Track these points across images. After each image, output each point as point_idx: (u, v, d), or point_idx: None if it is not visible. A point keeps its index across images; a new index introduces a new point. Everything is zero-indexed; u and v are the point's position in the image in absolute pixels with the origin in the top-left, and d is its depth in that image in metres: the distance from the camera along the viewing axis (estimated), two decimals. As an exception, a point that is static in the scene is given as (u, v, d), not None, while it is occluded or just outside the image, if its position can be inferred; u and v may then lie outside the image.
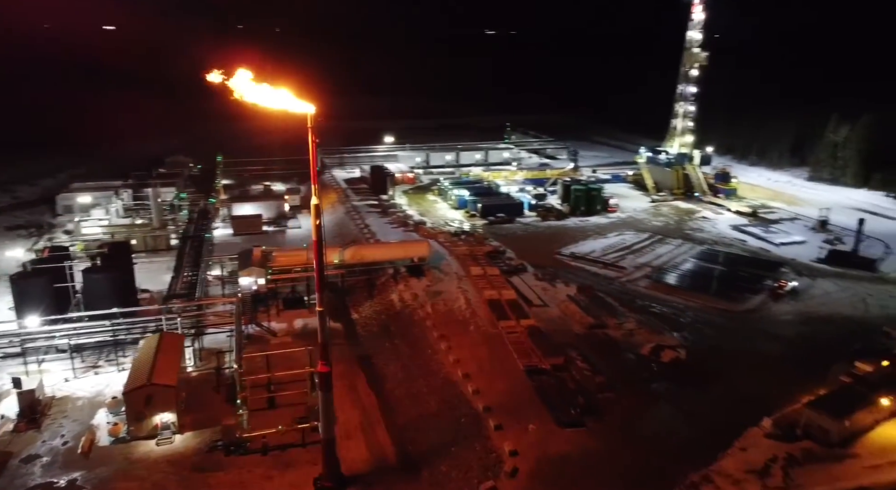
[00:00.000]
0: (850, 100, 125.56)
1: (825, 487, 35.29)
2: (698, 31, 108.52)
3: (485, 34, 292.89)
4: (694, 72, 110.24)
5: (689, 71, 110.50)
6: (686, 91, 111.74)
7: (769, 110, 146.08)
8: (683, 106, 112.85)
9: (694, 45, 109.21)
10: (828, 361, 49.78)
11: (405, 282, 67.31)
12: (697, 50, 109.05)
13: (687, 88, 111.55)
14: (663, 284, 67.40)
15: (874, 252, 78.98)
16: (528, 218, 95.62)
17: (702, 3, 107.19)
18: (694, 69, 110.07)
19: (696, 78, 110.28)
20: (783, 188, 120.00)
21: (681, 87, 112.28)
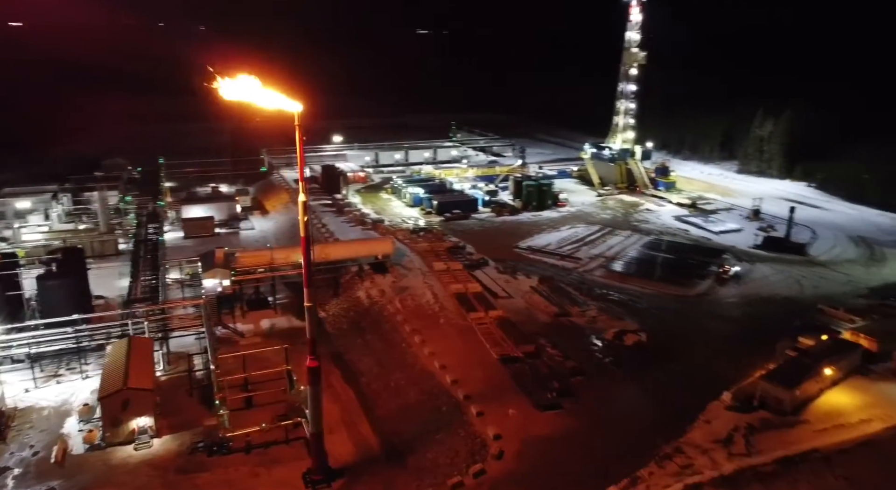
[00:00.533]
0: (774, 97, 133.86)
1: (782, 452, 38.42)
2: (636, 32, 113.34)
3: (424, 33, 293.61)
4: (633, 71, 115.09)
5: (629, 70, 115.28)
6: (626, 89, 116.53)
7: (700, 107, 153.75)
8: (624, 103, 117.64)
9: (633, 45, 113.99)
10: (773, 338, 53.99)
11: (371, 279, 68.00)
12: (636, 50, 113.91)
13: (627, 87, 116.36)
14: (618, 273, 70.72)
15: (803, 238, 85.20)
16: (482, 214, 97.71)
17: (639, 5, 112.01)
18: (633, 68, 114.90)
19: (636, 76, 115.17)
20: (716, 180, 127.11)
21: (621, 86, 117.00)
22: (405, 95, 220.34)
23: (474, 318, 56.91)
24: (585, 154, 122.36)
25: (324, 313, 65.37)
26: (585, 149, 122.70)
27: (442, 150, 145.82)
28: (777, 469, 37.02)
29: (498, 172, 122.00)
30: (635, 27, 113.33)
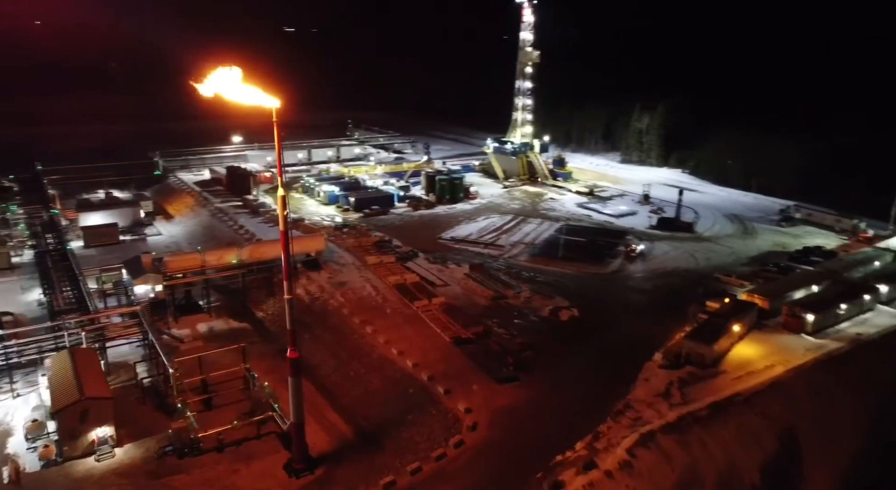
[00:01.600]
0: (650, 92, 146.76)
1: (711, 398, 44.51)
2: (529, 32, 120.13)
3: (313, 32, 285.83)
4: (528, 69, 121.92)
5: (525, 68, 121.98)
6: (523, 86, 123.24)
7: (583, 103, 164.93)
8: (522, 100, 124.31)
9: (527, 45, 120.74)
10: (682, 304, 61.56)
11: (306, 276, 68.31)
12: (530, 49, 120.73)
13: (524, 84, 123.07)
14: (540, 257, 75.92)
15: (689, 218, 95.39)
16: (399, 209, 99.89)
17: (531, 7, 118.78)
18: (528, 67, 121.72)
19: (531, 74, 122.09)
20: (604, 170, 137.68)
21: (518, 83, 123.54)
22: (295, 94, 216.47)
23: (419, 306, 59.38)
24: (488, 149, 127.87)
25: (262, 313, 65.05)
26: (488, 143, 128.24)
27: (345, 149, 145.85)
28: (710, 413, 42.96)
29: (406, 169, 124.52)
30: (528, 27, 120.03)
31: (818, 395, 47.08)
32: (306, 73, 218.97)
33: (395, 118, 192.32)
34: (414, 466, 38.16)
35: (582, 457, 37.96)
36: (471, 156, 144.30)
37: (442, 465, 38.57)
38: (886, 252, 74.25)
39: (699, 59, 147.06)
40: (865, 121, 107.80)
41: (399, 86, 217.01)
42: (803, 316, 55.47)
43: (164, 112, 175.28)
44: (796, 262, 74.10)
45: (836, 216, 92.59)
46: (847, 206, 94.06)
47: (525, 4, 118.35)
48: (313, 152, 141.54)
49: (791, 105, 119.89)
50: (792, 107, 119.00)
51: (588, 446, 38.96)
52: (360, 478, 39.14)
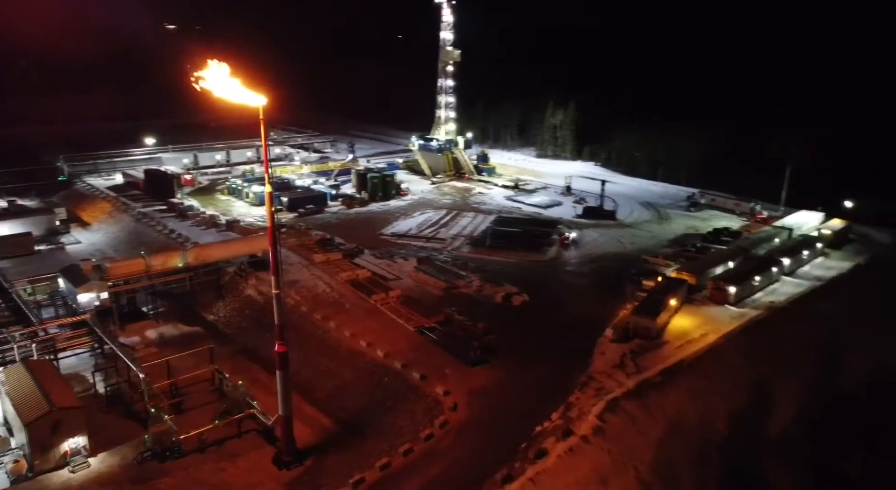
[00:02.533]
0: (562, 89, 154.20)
1: (661, 366, 49.15)
2: (449, 32, 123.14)
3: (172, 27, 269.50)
4: (450, 68, 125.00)
5: (446, 67, 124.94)
6: (445, 85, 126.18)
7: (498, 100, 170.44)
8: (444, 98, 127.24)
9: (447, 44, 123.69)
10: (619, 284, 66.61)
11: (254, 277, 67.78)
12: (451, 48, 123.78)
13: (446, 82, 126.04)
14: (482, 248, 79.04)
15: (609, 206, 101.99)
16: (333, 207, 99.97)
17: (450, 7, 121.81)
18: (450, 65, 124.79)
19: (453, 73, 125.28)
20: (524, 164, 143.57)
21: (440, 81, 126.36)
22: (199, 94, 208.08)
23: (377, 299, 60.77)
24: (413, 146, 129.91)
25: (213, 316, 63.99)
26: (413, 141, 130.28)
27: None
28: (662, 378, 47.53)
29: (332, 168, 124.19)
30: (448, 27, 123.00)
31: (746, 357, 53.03)
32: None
33: (310, 118, 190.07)
34: (405, 448, 39.86)
35: (559, 426, 41.15)
36: (393, 153, 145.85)
37: (431, 444, 40.50)
38: (783, 230, 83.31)
39: (608, 56, 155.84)
40: (758, 113, 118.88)
41: (311, 85, 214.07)
42: (726, 289, 61.89)
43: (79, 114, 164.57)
44: (709, 243, 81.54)
45: (736, 200, 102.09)
46: (743, 191, 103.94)
47: (444, 4, 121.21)
48: (232, 153, 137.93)
49: (690, 99, 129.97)
50: (691, 100, 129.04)
51: (563, 416, 42.23)
52: (350, 465, 40.31)
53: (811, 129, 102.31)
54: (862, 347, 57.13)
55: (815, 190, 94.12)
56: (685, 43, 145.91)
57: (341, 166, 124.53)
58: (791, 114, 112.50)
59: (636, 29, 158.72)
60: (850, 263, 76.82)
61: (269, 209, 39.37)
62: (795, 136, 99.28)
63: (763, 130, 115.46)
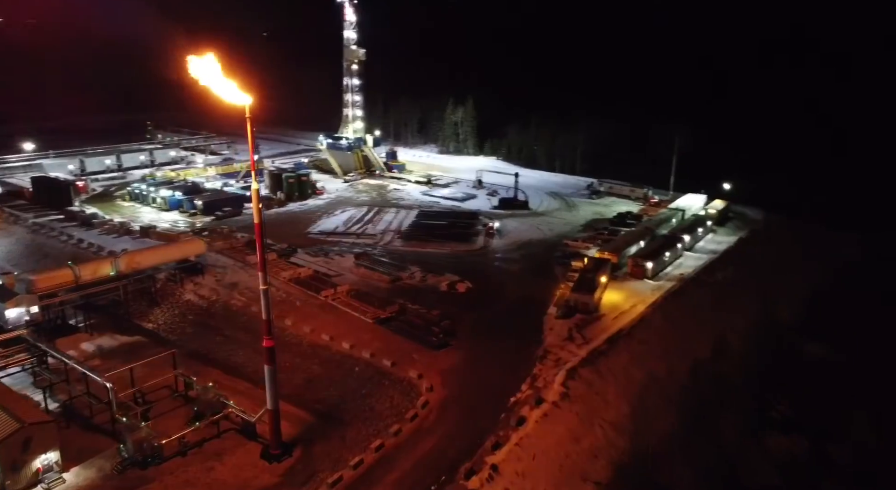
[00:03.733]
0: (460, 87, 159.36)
1: (604, 336, 54.41)
2: (353, 31, 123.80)
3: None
4: (355, 66, 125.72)
5: (351, 66, 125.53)
6: (351, 83, 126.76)
7: (398, 98, 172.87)
8: (351, 96, 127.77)
9: (351, 43, 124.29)
10: (548, 267, 71.87)
11: (191, 281, 66.00)
12: (355, 47, 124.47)
13: (352, 81, 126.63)
14: (414, 241, 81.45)
15: (521, 197, 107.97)
16: (250, 209, 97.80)
17: (352, 6, 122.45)
18: (355, 64, 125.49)
19: (359, 72, 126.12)
20: (430, 161, 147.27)
21: (346, 80, 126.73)
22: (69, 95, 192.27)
23: (326, 295, 61.54)
24: (321, 145, 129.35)
25: (151, 324, 61.71)
26: (321, 140, 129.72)
27: (159, 152, 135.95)
28: (607, 347, 52.75)
29: (239, 169, 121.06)
30: (351, 26, 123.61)
31: (671, 322, 59.76)
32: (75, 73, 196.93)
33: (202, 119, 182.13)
34: (395, 429, 41.76)
35: (530, 395, 44.88)
36: (297, 153, 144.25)
37: (417, 423, 42.67)
38: (677, 211, 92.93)
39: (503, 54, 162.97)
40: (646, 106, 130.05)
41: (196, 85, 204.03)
42: (644, 265, 68.89)
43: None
44: (617, 226, 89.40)
45: (631, 187, 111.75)
46: (635, 178, 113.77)
47: (346, 4, 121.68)
48: (124, 157, 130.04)
49: (581, 93, 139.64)
50: (582, 95, 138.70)
51: (531, 386, 46.04)
52: (339, 452, 41.67)
53: (690, 121, 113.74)
54: (755, 304, 66.22)
55: (697, 175, 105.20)
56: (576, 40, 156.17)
57: (247, 167, 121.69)
58: (672, 106, 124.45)
59: (531, 27, 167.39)
60: (734, 237, 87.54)
61: (255, 205, 39.70)
62: (677, 126, 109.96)
63: (647, 122, 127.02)
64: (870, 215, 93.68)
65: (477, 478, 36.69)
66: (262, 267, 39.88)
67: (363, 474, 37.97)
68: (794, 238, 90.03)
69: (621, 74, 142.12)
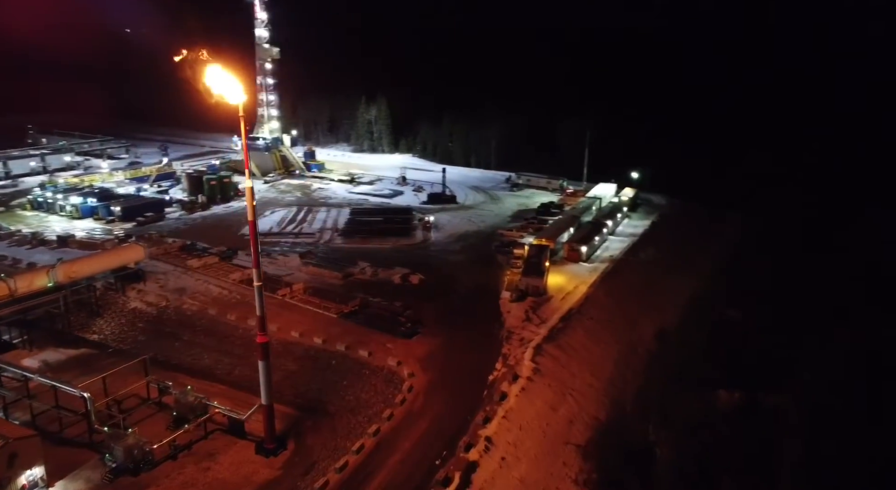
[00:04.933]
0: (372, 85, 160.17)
1: (557, 316, 58.57)
2: (265, 29, 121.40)
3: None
4: (269, 65, 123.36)
5: (265, 64, 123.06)
6: (266, 82, 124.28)
7: (308, 97, 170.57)
8: (266, 96, 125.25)
9: (263, 42, 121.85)
10: (489, 256, 75.62)
11: (132, 289, 63.43)
12: (267, 46, 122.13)
13: (266, 80, 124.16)
14: (355, 238, 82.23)
15: (448, 191, 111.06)
16: (173, 213, 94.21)
17: (262, 4, 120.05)
18: (268, 63, 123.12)
19: (273, 70, 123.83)
20: (345, 159, 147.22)
21: (259, 79, 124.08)
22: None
23: (282, 293, 61.48)
24: (236, 146, 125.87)
25: (96, 335, 58.85)
26: (235, 141, 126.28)
27: (51, 158, 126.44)
28: (563, 325, 56.91)
29: (148, 173, 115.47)
30: (262, 24, 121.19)
31: (611, 297, 65.15)
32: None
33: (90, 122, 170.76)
34: (388, 413, 43.33)
35: (506, 373, 47.97)
36: (205, 156, 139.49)
37: (407, 407, 44.44)
38: (595, 199, 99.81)
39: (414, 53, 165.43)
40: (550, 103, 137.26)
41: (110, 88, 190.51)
42: (579, 249, 74.19)
43: None
44: (543, 215, 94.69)
45: (547, 179, 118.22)
46: (548, 170, 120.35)
47: (256, 2, 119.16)
48: (11, 164, 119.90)
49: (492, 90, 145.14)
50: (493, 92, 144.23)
51: (504, 365, 49.14)
52: (333, 441, 42.72)
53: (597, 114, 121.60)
54: (677, 278, 73.41)
55: (605, 165, 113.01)
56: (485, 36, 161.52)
57: (157, 171, 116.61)
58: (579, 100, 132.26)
59: (442, 25, 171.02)
60: (647, 221, 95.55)
61: (250, 203, 39.63)
62: (585, 120, 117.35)
63: (554, 117, 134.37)
64: (748, 199, 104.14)
65: (475, 450, 39.18)
66: (256, 263, 40.07)
67: (366, 458, 39.35)
68: (694, 220, 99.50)
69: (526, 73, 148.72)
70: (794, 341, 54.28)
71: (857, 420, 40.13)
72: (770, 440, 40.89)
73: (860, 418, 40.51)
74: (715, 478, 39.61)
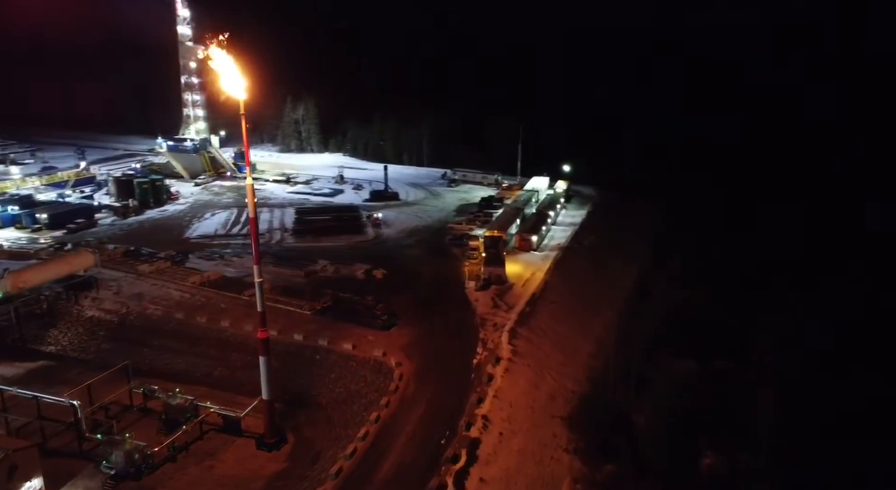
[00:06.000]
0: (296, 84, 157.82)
1: (523, 301, 61.45)
2: (187, 27, 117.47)
3: None
4: (193, 64, 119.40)
5: (189, 63, 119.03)
6: (190, 81, 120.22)
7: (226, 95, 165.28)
8: (191, 96, 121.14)
9: (186, 40, 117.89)
10: (443, 249, 77.87)
11: (85, 297, 60.75)
12: (191, 44, 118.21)
13: (191, 79, 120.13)
14: (308, 236, 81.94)
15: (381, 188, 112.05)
16: (105, 218, 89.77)
17: (183, 1, 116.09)
18: (193, 62, 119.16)
19: (198, 69, 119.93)
20: (275, 160, 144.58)
21: (184, 79, 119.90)
22: None
23: (249, 294, 60.82)
24: (161, 148, 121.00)
25: (53, 347, 56.13)
26: (160, 143, 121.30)
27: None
28: (530, 309, 60.04)
29: (66, 178, 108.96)
30: (184, 22, 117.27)
31: (566, 283, 69.12)
32: None
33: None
34: (385, 401, 44.59)
35: (488, 356, 50.40)
36: (121, 159, 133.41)
37: (400, 394, 45.84)
38: (533, 192, 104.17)
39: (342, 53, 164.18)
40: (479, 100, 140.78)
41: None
42: (530, 239, 77.86)
43: None
44: (485, 209, 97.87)
45: (482, 174, 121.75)
46: (478, 165, 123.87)
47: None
48: None
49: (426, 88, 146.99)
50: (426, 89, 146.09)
51: (485, 348, 51.58)
52: (331, 431, 43.62)
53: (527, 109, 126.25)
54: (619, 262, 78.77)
55: (537, 159, 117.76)
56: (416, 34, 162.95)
57: (75, 176, 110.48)
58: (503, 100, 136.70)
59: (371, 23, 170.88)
60: (583, 211, 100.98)
61: (251, 200, 39.75)
62: (518, 115, 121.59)
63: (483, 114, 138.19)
64: (669, 188, 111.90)
65: (475, 428, 41.30)
66: (257, 260, 40.29)
67: (373, 443, 40.55)
68: (624, 209, 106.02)
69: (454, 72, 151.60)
70: (742, 310, 59.91)
71: (819, 376, 45.41)
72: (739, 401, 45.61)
73: (822, 374, 45.84)
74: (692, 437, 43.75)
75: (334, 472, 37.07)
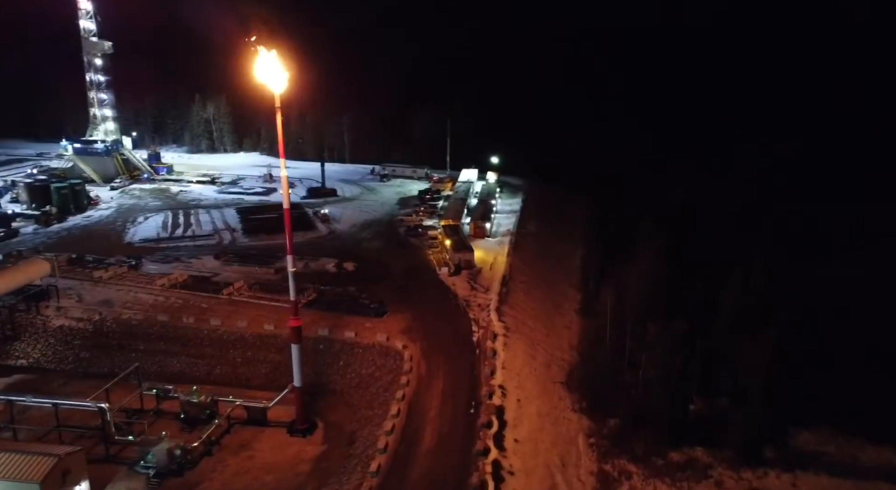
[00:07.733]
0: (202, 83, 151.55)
1: (495, 283, 65.15)
2: (89, 21, 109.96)
3: None
4: (99, 61, 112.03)
5: (94, 60, 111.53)
6: (95, 80, 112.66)
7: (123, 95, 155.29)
8: (97, 94, 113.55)
9: (90, 35, 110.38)
10: (400, 239, 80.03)
11: (47, 307, 57.15)
12: (95, 39, 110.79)
13: (96, 77, 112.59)
14: (260, 234, 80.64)
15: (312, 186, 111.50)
16: (23, 227, 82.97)
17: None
18: (98, 58, 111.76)
19: (104, 66, 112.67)
20: (188, 161, 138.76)
21: (89, 76, 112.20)
22: None
23: (228, 292, 60.08)
24: (67, 152, 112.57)
25: (23, 360, 52.70)
26: (65, 146, 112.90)
27: None
28: (506, 289, 63.84)
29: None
30: (87, 16, 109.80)
31: (525, 264, 73.67)
32: None
33: None
34: (404, 380, 46.42)
35: (484, 334, 53.59)
36: (10, 164, 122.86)
37: (416, 373, 47.80)
38: (469, 183, 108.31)
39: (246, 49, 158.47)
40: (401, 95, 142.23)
41: None
42: (484, 226, 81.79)
43: None
44: (428, 201, 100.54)
45: (412, 168, 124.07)
46: (402, 160, 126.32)
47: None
48: None
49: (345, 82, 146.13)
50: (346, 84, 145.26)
51: (479, 327, 54.72)
52: (356, 413, 45.00)
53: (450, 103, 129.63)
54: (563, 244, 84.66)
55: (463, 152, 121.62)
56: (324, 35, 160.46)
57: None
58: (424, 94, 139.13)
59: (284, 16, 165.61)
60: (516, 200, 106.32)
61: (285, 191, 40.15)
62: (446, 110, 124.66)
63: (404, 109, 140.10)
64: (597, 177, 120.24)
65: (496, 397, 44.52)
66: (291, 250, 40.88)
67: (406, 419, 42.44)
68: (553, 197, 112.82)
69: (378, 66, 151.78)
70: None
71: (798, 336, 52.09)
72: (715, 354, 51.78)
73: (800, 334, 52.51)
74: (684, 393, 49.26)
75: (382, 447, 38.70)
